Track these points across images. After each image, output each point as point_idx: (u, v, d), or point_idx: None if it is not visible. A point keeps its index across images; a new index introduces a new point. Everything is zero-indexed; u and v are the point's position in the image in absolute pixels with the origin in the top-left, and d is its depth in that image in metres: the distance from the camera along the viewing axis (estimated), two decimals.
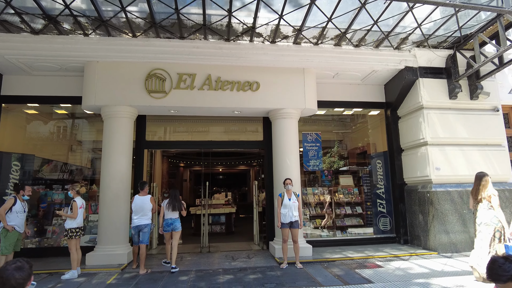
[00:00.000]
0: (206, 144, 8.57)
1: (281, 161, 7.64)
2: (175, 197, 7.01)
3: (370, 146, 10.49)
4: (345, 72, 8.35)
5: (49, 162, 9.76)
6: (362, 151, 10.93)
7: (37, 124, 9.82)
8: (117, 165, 7.22)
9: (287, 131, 7.75)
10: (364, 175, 10.10)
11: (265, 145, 8.52)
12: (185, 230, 12.83)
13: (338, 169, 10.44)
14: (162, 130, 9.20)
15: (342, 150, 11.99)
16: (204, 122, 10.20)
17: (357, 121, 11.32)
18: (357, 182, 10.28)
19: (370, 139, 10.48)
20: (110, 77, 7.36)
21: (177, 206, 6.96)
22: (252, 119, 9.60)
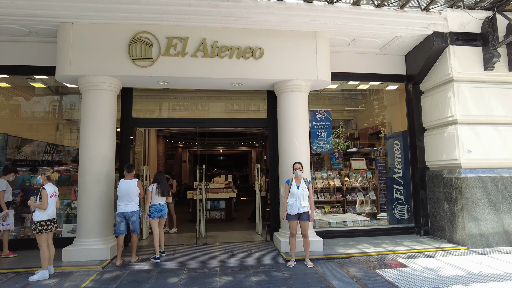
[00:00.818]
0: (202, 122, 7.42)
1: (288, 141, 6.54)
2: (161, 180, 6.12)
3: (385, 126, 9.38)
4: (363, 38, 7.10)
5: (30, 142, 8.78)
6: (375, 131, 9.82)
7: (19, 101, 8.71)
8: (98, 145, 6.14)
9: (296, 107, 6.60)
10: (378, 158, 9.03)
11: (269, 123, 7.39)
12: (181, 215, 12.00)
13: (346, 151, 9.37)
14: (151, 106, 8.08)
15: (351, 129, 10.92)
16: (200, 97, 9.08)
17: (369, 98, 10.16)
18: (369, 165, 9.25)
19: (385, 117, 9.34)
20: (87, 42, 6.16)
21: (166, 190, 6.09)
22: (254, 93, 8.43)
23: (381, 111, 9.60)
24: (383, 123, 9.47)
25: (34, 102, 9.05)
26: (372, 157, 9.58)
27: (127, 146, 6.99)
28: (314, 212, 5.57)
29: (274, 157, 7.28)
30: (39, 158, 8.83)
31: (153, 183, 6.22)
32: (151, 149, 12.24)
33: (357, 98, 10.69)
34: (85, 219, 6.01)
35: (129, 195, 5.92)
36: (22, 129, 8.54)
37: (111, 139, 6.34)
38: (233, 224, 9.68)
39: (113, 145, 6.38)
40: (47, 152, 9.11)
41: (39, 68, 6.91)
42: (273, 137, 7.31)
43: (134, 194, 5.97)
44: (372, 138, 9.96)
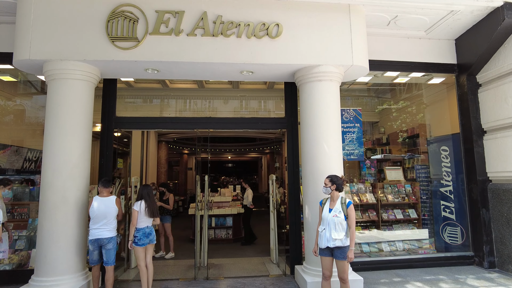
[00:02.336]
0: (204, 123, 5.81)
1: (315, 146, 4.90)
2: (148, 196, 4.67)
3: (425, 128, 7.68)
4: (407, 14, 5.47)
5: (5, 148, 7.38)
6: (411, 135, 8.13)
7: None
8: (66, 152, 4.59)
9: (324, 101, 4.96)
10: (419, 167, 7.32)
11: (288, 124, 5.76)
12: (184, 232, 10.38)
13: (381, 159, 7.71)
14: (140, 104, 6.55)
15: (378, 133, 9.25)
16: (202, 95, 7.61)
17: (400, 95, 8.50)
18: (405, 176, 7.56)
19: (425, 118, 7.65)
20: (53, 17, 4.66)
21: (156, 210, 4.56)
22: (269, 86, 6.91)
23: (419, 110, 7.91)
24: (421, 124, 7.78)
25: (14, 102, 7.62)
26: (407, 165, 7.91)
27: (108, 153, 5.44)
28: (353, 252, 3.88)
29: (294, 166, 5.64)
30: (18, 166, 7.47)
31: (139, 200, 4.67)
32: (150, 156, 10.73)
33: (384, 97, 9.05)
34: (45, 250, 4.43)
35: (105, 217, 4.49)
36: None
37: (84, 144, 4.79)
38: (243, 247, 8.03)
39: (85, 152, 4.83)
40: (28, 159, 7.75)
41: None
42: (292, 141, 5.69)
43: (111, 215, 4.54)
44: (407, 143, 8.27)
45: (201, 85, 8.21)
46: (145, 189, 4.74)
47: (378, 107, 8.61)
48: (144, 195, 4.66)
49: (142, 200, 4.64)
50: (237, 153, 20.75)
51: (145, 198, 4.64)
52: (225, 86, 8.73)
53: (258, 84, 8.49)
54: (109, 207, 4.53)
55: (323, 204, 4.01)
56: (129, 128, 5.65)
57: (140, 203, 4.61)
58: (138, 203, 4.63)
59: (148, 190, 4.73)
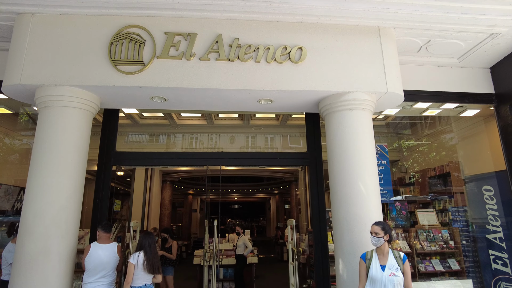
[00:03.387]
0: (214, 158, 5.04)
1: (348, 186, 4.07)
2: (150, 247, 3.72)
3: (458, 165, 6.86)
4: (441, 39, 4.91)
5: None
6: (440, 173, 7.30)
7: None
8: (52, 192, 3.81)
9: (357, 132, 4.23)
10: (455, 210, 6.41)
11: (310, 159, 4.99)
12: (184, 283, 9.16)
13: (413, 200, 6.83)
14: (145, 141, 5.90)
15: (400, 173, 8.45)
16: (210, 129, 7.03)
17: (424, 130, 7.84)
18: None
19: (457, 154, 6.87)
20: (51, 40, 4.14)
21: (156, 265, 3.72)
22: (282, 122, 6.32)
23: (449, 147, 7.16)
24: (452, 162, 6.98)
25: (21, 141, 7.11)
26: (437, 207, 7.00)
27: (105, 194, 4.65)
28: None
29: (320, 210, 4.77)
30: (8, 207, 6.80)
31: (137, 252, 3.82)
32: (153, 197, 9.89)
33: (404, 132, 8.38)
34: None
35: (104, 267, 3.74)
36: None
37: (75, 184, 4.03)
38: None
39: (76, 193, 4.04)
40: (21, 200, 7.08)
41: None
42: (317, 180, 4.87)
43: (112, 265, 3.80)
44: (436, 182, 7.42)
45: (210, 121, 7.68)
46: (147, 238, 3.90)
47: (403, 143, 7.88)
48: (145, 246, 3.82)
49: (141, 251, 3.79)
50: (244, 193, 19.77)
51: (145, 249, 3.80)
52: (235, 122, 8.20)
53: (271, 120, 7.92)
54: (110, 256, 3.74)
55: (368, 260, 3.11)
56: (130, 165, 4.92)
57: (138, 255, 3.76)
58: (136, 254, 3.78)
59: (150, 239, 3.90)
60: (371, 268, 3.02)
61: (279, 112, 4.91)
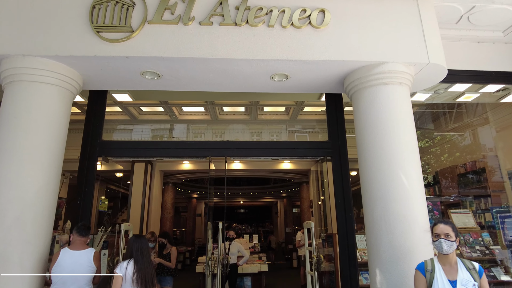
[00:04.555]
0: (219, 148, 4.20)
1: (387, 178, 3.21)
2: (142, 255, 2.93)
3: (496, 160, 5.99)
4: (487, 5, 4.10)
5: None
6: (472, 170, 6.44)
7: None
8: (17, 186, 3.03)
9: (395, 111, 3.39)
10: (498, 210, 5.52)
11: (333, 149, 4.16)
12: None
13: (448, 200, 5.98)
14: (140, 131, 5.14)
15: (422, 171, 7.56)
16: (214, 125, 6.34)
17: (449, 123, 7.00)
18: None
19: (496, 146, 6.01)
20: (19, 2, 3.41)
21: (150, 278, 2.81)
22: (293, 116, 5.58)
23: (484, 138, 6.30)
24: (487, 156, 6.14)
25: None
26: (468, 208, 6.13)
27: (88, 190, 3.85)
28: None
29: (346, 210, 3.93)
30: None
31: (126, 260, 2.99)
32: (153, 199, 9.10)
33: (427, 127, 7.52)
34: None
35: (76, 279, 2.89)
36: None
37: (48, 175, 3.23)
38: None
39: (49, 186, 3.25)
40: None
41: None
42: (341, 173, 4.03)
43: (85, 277, 2.97)
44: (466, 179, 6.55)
45: (214, 116, 6.96)
46: (138, 242, 3.07)
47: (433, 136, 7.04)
48: (136, 253, 2.99)
49: (130, 260, 2.96)
50: (250, 197, 18.89)
51: (136, 257, 2.97)
52: (241, 117, 7.50)
53: (280, 115, 7.19)
54: (83, 265, 2.93)
55: (428, 272, 2.26)
56: (119, 156, 4.12)
57: (127, 264, 2.93)
58: (124, 264, 2.95)
59: (142, 244, 3.07)
60: (435, 284, 2.17)
61: (295, 92, 4.08)
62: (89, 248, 3.08)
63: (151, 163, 8.94)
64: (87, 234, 3.17)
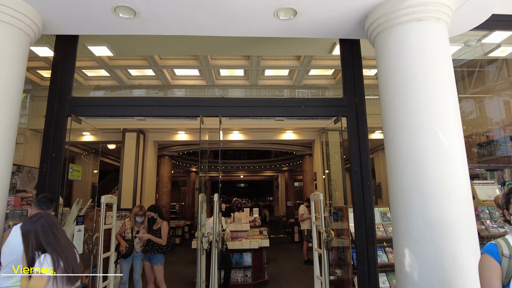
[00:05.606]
0: (212, 106, 3.45)
1: (421, 137, 2.55)
2: (55, 237, 1.93)
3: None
4: None
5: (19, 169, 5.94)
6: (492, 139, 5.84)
7: None
8: None
9: (432, 55, 2.67)
10: None
11: (349, 107, 3.46)
12: (184, 269, 8.13)
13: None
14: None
15: None
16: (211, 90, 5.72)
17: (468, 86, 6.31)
18: None
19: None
20: None
21: (77, 267, 1.93)
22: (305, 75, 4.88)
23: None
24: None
25: None
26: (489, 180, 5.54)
27: (56, 156, 3.21)
28: None
29: (364, 179, 3.29)
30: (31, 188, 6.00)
31: (41, 256, 1.88)
32: (147, 172, 8.52)
33: None
34: None
35: None
36: None
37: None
38: None
39: (1, 148, 2.62)
40: None
41: None
42: (359, 135, 3.37)
43: None
44: (488, 148, 5.94)
45: (210, 79, 6.28)
46: (40, 222, 1.94)
47: None
48: (45, 239, 1.92)
49: (46, 254, 1.89)
50: (250, 171, 18.41)
51: (49, 245, 1.91)
52: (240, 82, 6.83)
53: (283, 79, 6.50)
54: None
55: (506, 258, 1.61)
56: (92, 115, 3.44)
57: (44, 260, 1.86)
58: (41, 259, 1.87)
59: (50, 223, 1.97)
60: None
61: (305, 37, 3.33)
62: None
63: (143, 133, 8.28)
64: (48, 207, 2.55)
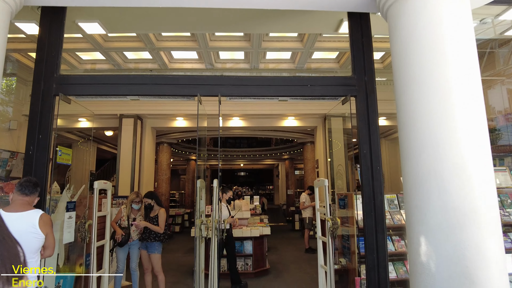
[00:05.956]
0: (210, 85, 3.19)
1: (439, 117, 2.30)
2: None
3: None
4: None
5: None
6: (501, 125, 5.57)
7: None
8: None
9: (451, 27, 2.41)
10: None
11: (358, 86, 3.20)
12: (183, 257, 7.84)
13: None
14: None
15: None
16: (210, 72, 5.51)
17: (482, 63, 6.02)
18: None
19: None
20: None
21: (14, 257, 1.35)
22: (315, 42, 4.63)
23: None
24: None
25: None
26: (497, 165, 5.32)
27: (43, 138, 2.98)
28: None
29: (371, 161, 3.07)
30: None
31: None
32: (145, 158, 8.31)
33: None
34: None
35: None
36: None
37: None
38: (269, 283, 5.42)
39: None
40: None
41: None
42: (368, 115, 3.13)
43: (27, 247, 2.06)
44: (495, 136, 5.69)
45: (209, 61, 6.03)
46: None
47: None
48: None
49: None
50: (251, 159, 18.22)
51: None
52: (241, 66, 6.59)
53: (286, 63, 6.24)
54: (22, 232, 2.12)
55: None
56: (82, 94, 3.19)
57: None
58: None
59: None
60: None
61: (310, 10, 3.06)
62: (33, 210, 2.27)
63: (141, 119, 8.04)
64: (32, 192, 2.35)
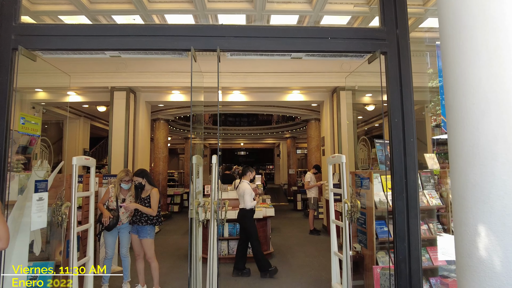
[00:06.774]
0: (206, 36, 2.47)
1: (503, 75, 1.75)
2: None
3: None
4: None
5: None
6: None
7: None
8: None
9: None
10: None
11: (388, 40, 2.59)
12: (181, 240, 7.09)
13: None
14: None
15: None
16: None
17: None
18: None
19: None
20: None
21: None
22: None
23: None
24: None
25: None
26: None
27: (1, 100, 2.40)
28: None
29: (404, 132, 2.51)
30: None
31: None
32: (139, 135, 7.75)
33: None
34: None
35: None
36: None
37: None
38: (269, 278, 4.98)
39: None
40: None
41: None
42: (400, 76, 2.54)
43: None
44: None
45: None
46: None
47: None
48: None
49: None
50: (251, 138, 17.68)
51: None
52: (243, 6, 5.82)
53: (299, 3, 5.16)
54: None
55: None
56: (50, 48, 2.59)
57: None
58: None
59: None
60: None
61: None
62: None
63: (134, 93, 7.40)
64: None
